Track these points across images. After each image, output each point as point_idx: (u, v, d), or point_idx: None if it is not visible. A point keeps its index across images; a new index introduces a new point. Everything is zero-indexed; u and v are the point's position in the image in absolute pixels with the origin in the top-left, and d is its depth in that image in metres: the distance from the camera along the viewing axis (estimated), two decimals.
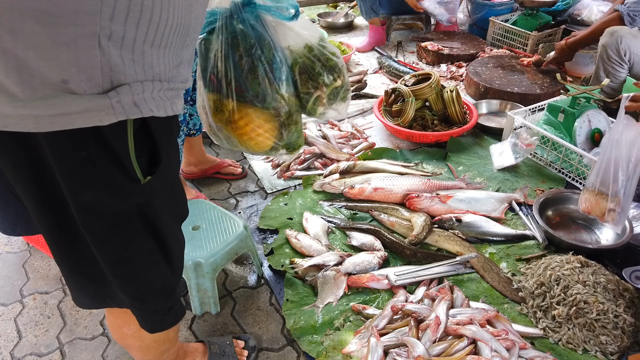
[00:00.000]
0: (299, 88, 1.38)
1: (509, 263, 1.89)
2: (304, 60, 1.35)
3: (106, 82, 0.75)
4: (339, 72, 1.41)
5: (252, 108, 1.30)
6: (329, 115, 1.51)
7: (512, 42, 3.70)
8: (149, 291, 1.05)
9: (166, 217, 0.99)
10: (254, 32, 1.24)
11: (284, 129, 1.38)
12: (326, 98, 1.42)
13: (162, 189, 0.95)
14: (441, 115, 2.74)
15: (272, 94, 1.29)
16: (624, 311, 1.57)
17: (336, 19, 4.53)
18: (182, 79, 0.90)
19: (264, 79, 1.23)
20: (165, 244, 1.01)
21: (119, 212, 0.89)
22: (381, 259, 1.87)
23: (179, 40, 0.85)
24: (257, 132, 1.34)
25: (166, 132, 0.93)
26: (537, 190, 2.28)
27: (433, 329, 1.51)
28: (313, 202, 2.25)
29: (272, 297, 1.81)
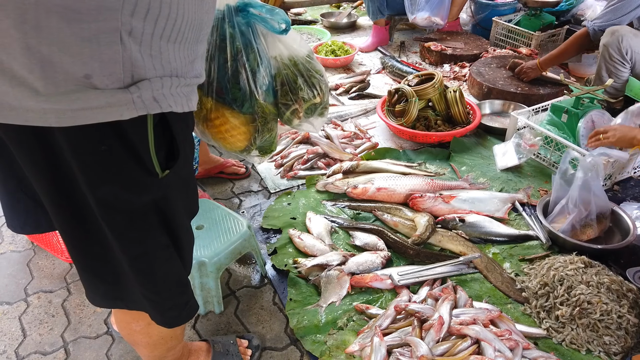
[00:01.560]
0: (279, 98, 1.41)
1: (512, 263, 1.89)
2: (288, 73, 1.38)
3: (127, 77, 0.76)
4: (319, 90, 1.45)
5: (230, 110, 1.32)
6: (304, 128, 1.55)
7: (515, 42, 3.70)
8: (166, 286, 1.07)
9: (180, 213, 1.01)
10: (243, 39, 1.26)
11: (258, 134, 1.40)
12: (303, 112, 1.46)
13: (178, 184, 0.96)
14: (444, 116, 2.74)
15: (251, 100, 1.30)
16: (627, 312, 1.57)
17: (339, 19, 4.54)
18: (196, 73, 0.91)
19: (245, 85, 1.25)
20: (178, 239, 1.02)
21: (137, 206, 0.91)
22: (384, 259, 1.88)
23: (193, 35, 0.86)
24: (231, 133, 1.36)
25: (183, 128, 0.94)
26: (540, 191, 2.28)
27: (436, 329, 1.52)
28: (316, 202, 2.25)
29: (275, 296, 1.82)
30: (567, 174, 2.01)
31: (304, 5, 4.64)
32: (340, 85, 3.33)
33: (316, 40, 4.00)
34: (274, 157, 2.60)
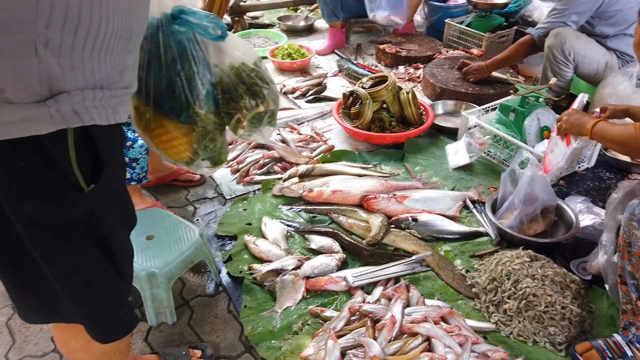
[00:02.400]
0: (220, 107, 1.39)
1: (463, 260, 1.94)
2: (229, 81, 1.36)
3: (45, 91, 0.74)
4: (262, 99, 1.43)
5: (169, 120, 1.30)
6: (253, 137, 1.53)
7: (467, 43, 3.79)
8: (99, 301, 1.04)
9: (113, 226, 0.99)
10: (178, 47, 1.24)
11: (199, 145, 1.38)
12: (247, 121, 1.44)
13: (108, 197, 0.94)
14: (398, 117, 2.78)
15: (188, 110, 1.29)
16: (570, 302, 1.63)
17: (296, 22, 4.54)
18: (125, 83, 0.89)
19: (180, 95, 1.23)
20: (112, 252, 1.00)
21: (63, 221, 0.88)
22: (339, 261, 1.89)
23: (120, 45, 0.84)
24: (172, 143, 1.34)
25: (109, 140, 0.92)
26: (490, 188, 2.35)
27: (388, 329, 1.54)
28: (272, 206, 2.25)
29: (230, 304, 1.80)
30: (515, 173, 2.08)
31: (261, 8, 4.62)
32: (297, 88, 3.33)
33: (273, 44, 3.99)
34: (230, 162, 2.58)
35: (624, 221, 1.40)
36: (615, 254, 1.60)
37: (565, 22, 2.70)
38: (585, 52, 2.71)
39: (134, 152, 1.89)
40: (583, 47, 2.70)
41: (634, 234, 1.35)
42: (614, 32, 2.70)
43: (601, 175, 2.47)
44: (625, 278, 1.41)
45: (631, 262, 1.37)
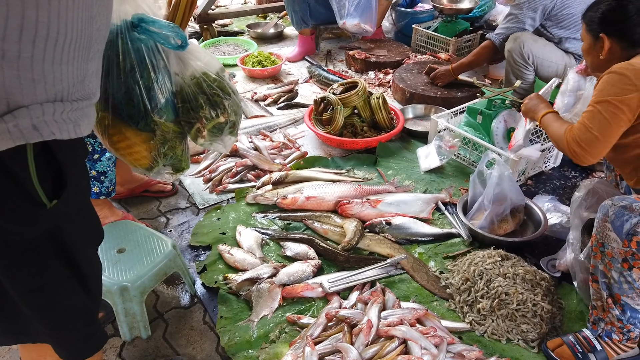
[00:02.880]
0: (180, 116, 1.39)
1: (437, 261, 1.96)
2: (189, 91, 1.36)
3: (2, 105, 0.72)
4: (223, 109, 1.43)
5: (127, 127, 1.29)
6: (214, 147, 1.53)
7: (434, 48, 3.86)
8: (67, 319, 1.01)
9: (80, 241, 0.96)
10: (137, 55, 1.23)
11: (158, 153, 1.38)
12: (207, 131, 1.44)
13: (73, 212, 0.92)
14: (370, 122, 2.81)
15: (146, 118, 1.28)
16: (541, 299, 1.68)
17: (266, 29, 4.54)
18: (87, 93, 0.87)
19: (139, 103, 1.23)
20: (80, 269, 0.98)
21: (27, 239, 0.86)
22: (315, 267, 1.89)
23: (81, 54, 0.82)
24: (130, 150, 1.34)
25: (71, 154, 0.90)
26: (461, 190, 2.39)
27: (365, 333, 1.54)
28: (246, 214, 2.24)
29: (205, 315, 1.78)
30: (483, 174, 2.12)
31: (230, 16, 4.60)
32: (268, 95, 3.33)
33: (243, 51, 3.98)
34: (202, 171, 2.55)
35: (597, 222, 1.43)
36: (582, 253, 1.65)
37: (522, 27, 2.78)
38: (544, 55, 2.80)
39: (101, 165, 1.85)
40: (541, 50, 2.79)
41: (607, 234, 1.39)
42: (566, 35, 2.80)
43: (567, 174, 2.55)
44: (597, 276, 1.44)
45: (603, 262, 1.41)
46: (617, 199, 1.40)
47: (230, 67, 3.82)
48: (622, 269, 1.36)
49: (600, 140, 1.55)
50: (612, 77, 1.53)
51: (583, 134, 1.57)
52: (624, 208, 1.36)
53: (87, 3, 0.80)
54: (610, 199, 1.43)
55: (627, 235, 1.34)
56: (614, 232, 1.37)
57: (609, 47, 1.63)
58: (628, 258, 1.35)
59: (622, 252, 1.35)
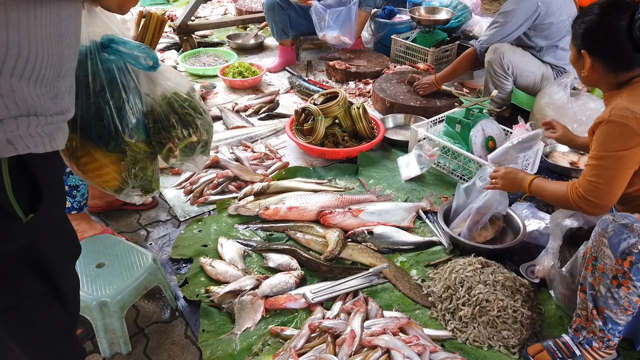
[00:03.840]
0: (151, 136, 1.39)
1: (418, 270, 1.98)
2: (160, 111, 1.36)
3: None
4: (195, 128, 1.43)
5: (96, 148, 1.28)
6: (185, 166, 1.53)
7: (413, 58, 3.92)
8: (43, 337, 1.00)
9: (56, 257, 0.95)
10: (107, 75, 1.23)
11: (128, 174, 1.37)
12: (179, 151, 1.44)
13: (49, 227, 0.91)
14: (351, 132, 2.83)
15: (117, 139, 1.27)
16: (521, 305, 1.70)
17: (246, 40, 4.55)
18: (60, 109, 0.87)
19: (109, 123, 1.22)
20: (57, 284, 0.96)
21: (3, 255, 0.84)
22: (298, 278, 1.89)
23: (52, 71, 0.82)
24: (99, 172, 1.32)
25: (47, 167, 0.89)
26: (441, 198, 2.42)
27: (348, 343, 1.54)
28: (228, 226, 2.22)
29: (187, 329, 1.76)
30: (476, 186, 2.12)
31: (210, 27, 4.60)
32: (249, 106, 3.33)
33: (223, 62, 3.98)
34: (182, 183, 2.53)
35: (595, 235, 1.42)
36: (564, 267, 1.66)
37: (506, 34, 2.83)
38: (523, 66, 2.86)
39: (73, 179, 1.82)
40: (520, 61, 2.86)
41: (601, 249, 1.38)
42: (547, 44, 2.87)
43: None
44: (586, 287, 1.45)
45: (594, 275, 1.42)
46: (619, 216, 1.37)
47: (210, 78, 3.82)
48: (611, 285, 1.37)
49: (609, 193, 1.49)
50: (613, 129, 1.45)
51: (591, 191, 1.50)
52: (624, 226, 1.34)
53: (56, 21, 0.80)
54: (612, 215, 1.40)
55: (621, 254, 1.33)
56: (609, 248, 1.36)
57: (590, 64, 1.57)
58: (618, 276, 1.35)
59: (613, 269, 1.36)
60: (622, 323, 1.43)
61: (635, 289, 1.34)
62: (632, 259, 1.32)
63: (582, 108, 2.69)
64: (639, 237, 1.31)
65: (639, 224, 1.33)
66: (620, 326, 1.44)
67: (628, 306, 1.38)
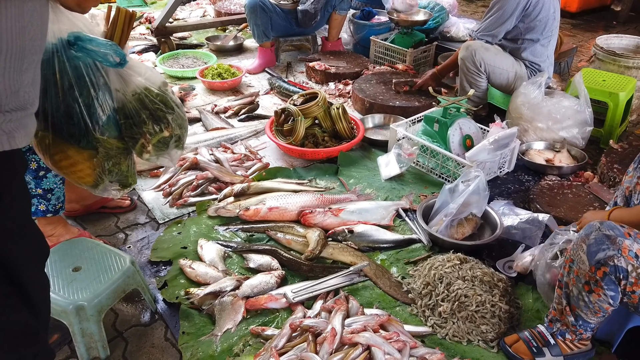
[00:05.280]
0: (123, 132, 1.38)
1: (398, 267, 1.99)
2: (131, 107, 1.36)
3: None
4: (166, 124, 1.43)
5: (69, 146, 1.27)
6: (160, 161, 1.52)
7: (392, 59, 3.95)
8: (5, 338, 0.97)
9: (20, 258, 0.93)
10: (75, 72, 1.22)
11: (103, 170, 1.36)
12: (151, 146, 1.44)
13: (10, 228, 0.88)
14: (331, 132, 2.84)
15: (88, 136, 1.27)
16: (499, 300, 1.73)
17: (225, 42, 4.53)
18: (21, 104, 0.85)
19: (79, 121, 1.22)
20: (22, 286, 0.94)
21: None
22: (279, 278, 1.88)
23: (13, 64, 0.80)
24: (73, 169, 1.32)
25: (6, 167, 0.87)
26: (421, 196, 2.44)
27: (329, 341, 1.55)
28: (208, 228, 2.21)
29: (167, 331, 1.74)
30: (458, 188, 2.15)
31: (188, 29, 4.56)
32: (229, 107, 3.32)
33: (202, 64, 3.95)
34: (161, 185, 2.51)
35: (577, 239, 1.44)
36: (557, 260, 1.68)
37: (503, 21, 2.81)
38: (495, 63, 2.91)
39: (47, 182, 1.79)
40: (492, 59, 2.90)
41: (579, 254, 1.40)
42: (528, 38, 2.87)
43: (520, 178, 2.65)
44: (562, 284, 1.48)
45: (569, 276, 1.44)
46: (606, 226, 1.36)
47: (189, 80, 3.79)
48: (583, 290, 1.40)
49: None
50: None
51: None
52: (607, 237, 1.33)
53: (17, 13, 0.78)
54: (599, 222, 1.39)
55: (596, 263, 1.34)
56: (586, 255, 1.37)
57: None
58: (591, 282, 1.37)
59: (587, 275, 1.37)
60: (593, 322, 1.46)
61: (606, 297, 1.36)
62: (607, 269, 1.32)
63: (556, 106, 2.75)
64: (618, 252, 1.31)
65: (623, 239, 1.32)
66: (591, 324, 1.47)
67: (598, 310, 1.40)
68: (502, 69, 2.93)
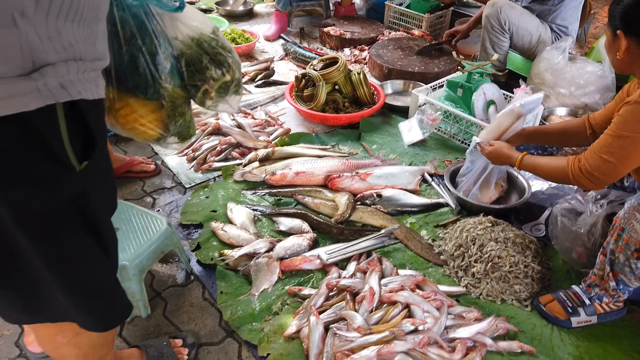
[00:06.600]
0: (186, 80, 1.36)
1: (428, 230, 2.01)
2: (191, 53, 1.33)
3: (27, 63, 0.69)
4: (227, 67, 1.40)
5: (134, 98, 1.25)
6: (220, 108, 1.50)
7: (407, 24, 3.89)
8: (95, 287, 1.00)
9: (100, 208, 0.94)
10: (135, 21, 1.19)
11: (170, 121, 1.35)
12: (214, 92, 1.42)
13: (97, 177, 0.90)
14: (351, 98, 2.82)
15: (155, 85, 1.25)
16: (531, 261, 1.75)
17: (234, 7, 4.44)
18: (99, 55, 0.84)
19: (145, 70, 1.19)
20: (102, 235, 0.95)
21: (54, 206, 0.83)
22: (311, 241, 1.90)
23: (91, 13, 0.80)
24: (140, 122, 1.30)
25: (96, 115, 0.87)
26: (445, 161, 2.45)
27: (369, 300, 1.57)
28: (235, 192, 2.22)
29: (204, 292, 1.77)
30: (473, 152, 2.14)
31: None
32: (245, 73, 3.27)
33: None
34: (184, 150, 2.50)
35: (628, 207, 1.44)
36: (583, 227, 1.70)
37: None
38: (520, 23, 2.87)
39: None
40: (518, 18, 2.86)
41: (631, 223, 1.40)
42: None
43: None
44: (607, 251, 1.50)
45: (617, 244, 1.46)
46: None
47: None
48: (631, 257, 1.42)
49: (619, 169, 1.44)
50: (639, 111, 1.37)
51: (599, 167, 1.44)
52: None
53: None
54: None
55: None
56: (639, 224, 1.38)
57: (626, 46, 1.44)
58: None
59: (637, 244, 1.40)
60: (633, 287, 1.50)
61: None
62: None
63: (580, 72, 2.73)
64: None
65: None
66: (631, 288, 1.51)
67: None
68: (526, 29, 2.89)
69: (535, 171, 1.73)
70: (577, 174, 1.50)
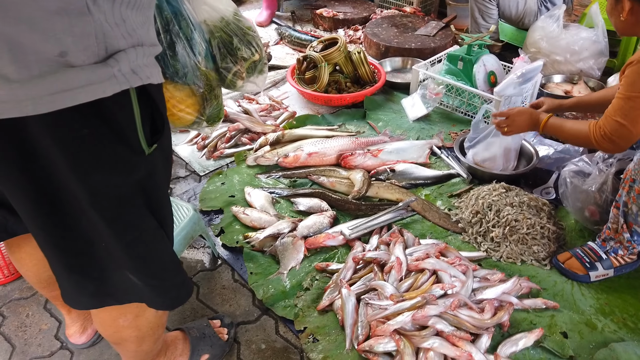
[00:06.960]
0: (218, 62, 1.38)
1: (443, 201, 2.07)
2: (222, 35, 1.34)
3: (102, 50, 0.72)
4: (256, 46, 1.43)
5: (172, 84, 1.27)
6: (247, 89, 1.53)
7: (399, 2, 3.91)
8: (163, 267, 1.04)
9: (163, 190, 0.97)
10: (170, 8, 1.21)
11: (207, 104, 1.37)
12: (245, 72, 1.44)
13: (161, 158, 0.93)
14: (352, 77, 2.85)
15: (193, 70, 1.27)
16: (547, 222, 1.83)
17: None
18: (153, 41, 0.87)
19: (183, 55, 1.22)
20: (164, 218, 0.99)
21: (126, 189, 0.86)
22: (331, 218, 1.95)
23: (146, 0, 0.82)
24: (178, 107, 1.32)
25: (162, 99, 0.90)
26: (451, 134, 2.50)
27: (397, 269, 1.63)
28: (250, 176, 2.25)
29: (234, 273, 1.81)
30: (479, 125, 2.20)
31: None
32: None
33: None
34: (193, 139, 2.52)
35: (637, 159, 1.48)
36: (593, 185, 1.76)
37: None
38: None
39: None
40: None
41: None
42: None
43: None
44: (619, 204, 1.56)
45: (629, 195, 1.52)
46: None
47: None
48: None
49: (634, 133, 1.46)
50: None
51: (616, 130, 1.46)
52: None
53: None
54: None
55: None
56: None
57: (629, 7, 1.44)
58: None
59: None
60: None
61: None
62: None
63: (574, 38, 2.79)
64: None
65: None
66: None
67: None
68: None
69: (561, 133, 1.72)
70: (599, 139, 1.52)
